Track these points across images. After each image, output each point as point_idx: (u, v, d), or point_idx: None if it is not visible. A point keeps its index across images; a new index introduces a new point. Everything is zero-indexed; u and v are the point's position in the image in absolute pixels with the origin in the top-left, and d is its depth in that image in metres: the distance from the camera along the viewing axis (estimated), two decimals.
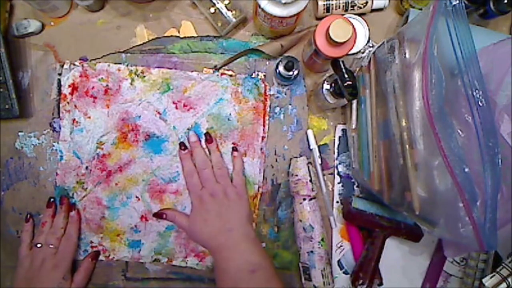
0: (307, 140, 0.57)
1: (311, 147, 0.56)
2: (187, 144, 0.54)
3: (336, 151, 0.57)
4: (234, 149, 0.54)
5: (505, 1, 0.51)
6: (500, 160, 0.38)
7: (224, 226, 0.49)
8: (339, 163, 0.57)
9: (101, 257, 0.55)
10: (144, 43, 0.56)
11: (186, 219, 0.51)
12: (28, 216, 0.54)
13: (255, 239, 0.50)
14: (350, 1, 0.55)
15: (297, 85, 0.57)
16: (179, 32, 0.57)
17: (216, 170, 0.52)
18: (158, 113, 0.55)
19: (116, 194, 0.54)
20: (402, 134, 0.44)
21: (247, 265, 0.46)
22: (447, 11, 0.39)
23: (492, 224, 0.38)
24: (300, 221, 0.53)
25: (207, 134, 0.54)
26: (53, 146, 0.55)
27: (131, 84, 0.55)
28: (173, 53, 0.56)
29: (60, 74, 0.55)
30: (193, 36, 0.57)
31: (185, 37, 0.57)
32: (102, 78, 0.55)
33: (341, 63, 0.46)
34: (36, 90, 0.55)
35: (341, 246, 0.57)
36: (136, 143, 0.55)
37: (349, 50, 0.48)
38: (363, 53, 0.56)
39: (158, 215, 0.53)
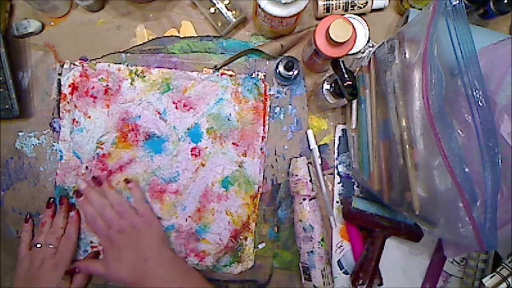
0: (307, 140, 0.57)
1: (311, 147, 0.56)
2: (82, 190, 0.52)
3: (336, 151, 0.57)
4: (127, 181, 0.53)
5: (505, 1, 0.51)
6: (500, 160, 0.38)
7: (138, 259, 0.48)
8: (339, 163, 0.57)
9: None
10: (144, 43, 0.56)
11: (101, 264, 0.50)
12: (28, 216, 0.54)
13: (173, 259, 0.49)
14: (350, 1, 0.56)
15: (297, 85, 0.57)
16: (179, 32, 0.57)
17: (117, 207, 0.51)
18: (158, 113, 0.55)
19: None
20: (402, 134, 0.44)
21: (172, 285, 0.46)
22: (447, 11, 0.39)
23: (492, 224, 0.38)
24: (300, 221, 0.53)
25: (94, 178, 0.53)
26: (53, 146, 0.55)
27: (131, 84, 0.55)
28: (173, 53, 0.56)
29: (60, 74, 0.55)
30: (193, 36, 0.57)
31: (185, 37, 0.57)
32: (102, 78, 0.55)
33: (341, 63, 0.46)
34: (36, 90, 0.55)
35: (341, 246, 0.57)
36: (136, 143, 0.55)
37: (349, 50, 0.48)
38: (363, 53, 0.56)
39: (70, 271, 0.50)
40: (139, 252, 0.48)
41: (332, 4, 0.56)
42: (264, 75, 0.57)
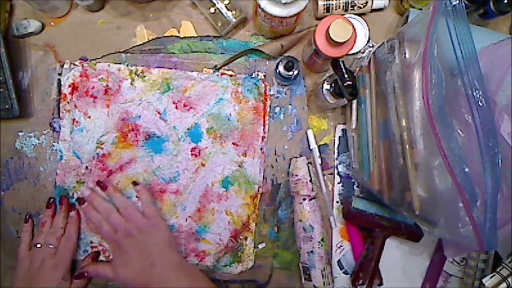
0: (307, 140, 0.57)
1: (311, 147, 0.56)
2: (86, 198, 0.52)
3: (336, 151, 0.57)
4: (134, 183, 0.53)
5: (505, 1, 0.51)
6: (500, 160, 0.38)
7: (145, 263, 0.47)
8: (339, 163, 0.57)
9: (101, 257, 0.54)
10: (144, 43, 0.56)
11: (109, 268, 0.50)
12: (28, 216, 0.54)
13: (181, 263, 0.49)
14: (350, 1, 0.56)
15: (297, 85, 0.57)
16: (179, 32, 0.57)
17: (123, 211, 0.50)
18: (158, 113, 0.55)
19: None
20: (402, 134, 0.44)
21: None
22: (447, 11, 0.39)
23: (492, 224, 0.38)
24: (300, 221, 0.53)
25: (99, 182, 0.53)
26: (53, 146, 0.55)
27: (131, 84, 0.55)
28: (173, 53, 0.56)
29: (60, 74, 0.55)
30: (193, 36, 0.57)
31: (185, 37, 0.57)
32: (102, 78, 0.55)
33: (341, 63, 0.46)
34: (36, 90, 0.55)
35: (341, 246, 0.57)
36: (136, 143, 0.55)
37: (349, 50, 0.48)
38: (363, 53, 0.56)
39: (79, 276, 0.51)
40: (146, 257, 0.48)
41: (332, 4, 0.56)
42: (264, 75, 0.57)
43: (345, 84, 0.45)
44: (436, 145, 0.37)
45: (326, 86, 0.51)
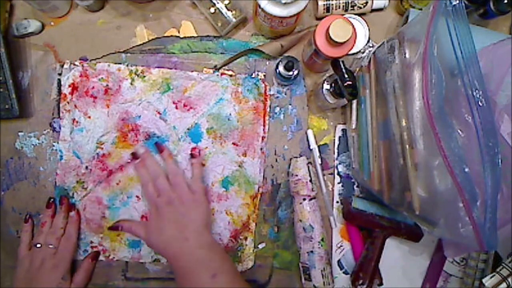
0: (307, 140, 0.57)
1: (311, 147, 0.56)
2: (140, 154, 0.53)
3: (336, 151, 0.57)
4: (192, 155, 0.53)
5: (505, 1, 0.51)
6: (500, 160, 0.38)
7: (180, 235, 0.47)
8: (339, 163, 0.57)
9: (101, 257, 0.54)
10: (144, 43, 0.56)
11: (144, 228, 0.50)
12: (28, 216, 0.54)
13: (212, 245, 0.49)
14: (350, 1, 0.56)
15: (297, 85, 0.57)
16: (179, 32, 0.57)
17: (171, 178, 0.51)
18: (158, 113, 0.55)
19: (117, 193, 0.54)
20: (402, 134, 0.44)
21: (206, 271, 0.45)
22: (447, 11, 0.39)
23: (492, 224, 0.38)
24: (300, 221, 0.53)
25: (156, 144, 0.53)
26: (53, 146, 0.55)
27: (131, 84, 0.55)
28: (173, 53, 0.56)
29: (60, 74, 0.55)
30: (193, 36, 0.57)
31: (185, 37, 0.57)
32: (102, 78, 0.55)
33: (341, 63, 0.46)
34: (36, 90, 0.55)
35: (341, 246, 0.57)
36: (136, 143, 0.55)
37: (349, 50, 0.48)
38: (363, 53, 0.56)
39: (114, 228, 0.52)
40: (182, 229, 0.48)
41: (332, 4, 0.56)
42: (264, 75, 0.57)
43: (345, 84, 0.45)
44: (436, 145, 0.37)
45: (326, 86, 0.51)
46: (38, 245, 0.51)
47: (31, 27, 0.54)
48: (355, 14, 0.56)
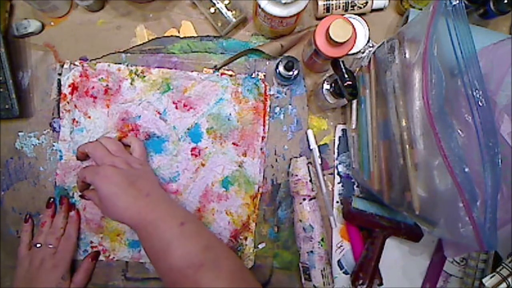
0: (307, 140, 0.57)
1: (311, 147, 0.56)
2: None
3: (336, 151, 0.57)
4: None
5: (505, 1, 0.51)
6: (500, 160, 0.38)
7: (139, 193, 0.45)
8: (339, 163, 0.57)
9: (101, 257, 0.54)
10: (144, 43, 0.56)
11: (97, 199, 0.48)
12: (28, 216, 0.54)
13: (172, 199, 0.48)
14: (350, 1, 0.56)
15: (297, 85, 0.57)
16: (179, 32, 0.57)
17: (110, 147, 0.49)
18: (158, 113, 0.55)
19: None
20: (402, 134, 0.44)
21: (174, 219, 0.44)
22: (447, 11, 0.39)
23: (492, 224, 0.38)
24: (300, 221, 0.53)
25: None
26: (53, 146, 0.55)
27: (131, 84, 0.55)
28: (173, 53, 0.56)
29: (60, 74, 0.55)
30: (193, 36, 0.57)
31: (185, 37, 0.57)
32: (102, 78, 0.55)
33: (341, 63, 0.46)
34: (36, 90, 0.55)
35: (341, 246, 0.57)
36: None
37: (349, 50, 0.48)
38: (363, 53, 0.56)
39: (82, 197, 0.52)
40: (140, 189, 0.46)
41: (332, 4, 0.56)
42: (264, 75, 0.57)
43: (345, 84, 0.45)
44: (436, 145, 0.37)
45: (326, 86, 0.51)
46: (38, 245, 0.51)
47: (31, 27, 0.54)
48: (355, 14, 0.56)
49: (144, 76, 0.55)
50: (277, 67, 0.53)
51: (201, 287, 0.42)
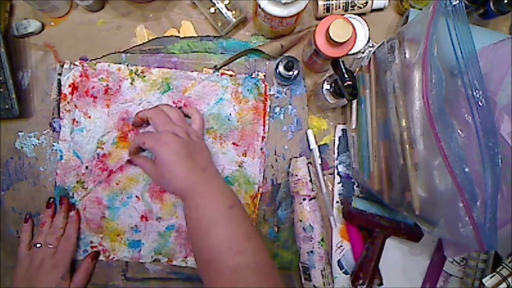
0: (307, 140, 0.57)
1: (311, 147, 0.56)
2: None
3: (336, 151, 0.57)
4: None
5: (505, 1, 0.51)
6: (500, 160, 0.38)
7: (196, 166, 0.46)
8: (339, 163, 0.57)
9: (101, 257, 0.54)
10: (144, 43, 0.56)
11: (153, 165, 0.48)
12: (28, 216, 0.54)
13: (224, 182, 0.49)
14: (350, 1, 0.56)
15: (297, 85, 0.57)
16: (179, 32, 0.57)
17: (172, 115, 0.49)
18: None
19: (117, 193, 0.54)
20: (402, 134, 0.44)
21: (225, 200, 0.45)
22: (447, 11, 0.39)
23: (492, 224, 0.38)
24: (300, 221, 0.53)
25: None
26: (53, 146, 0.55)
27: (131, 84, 0.55)
28: (173, 53, 0.56)
29: (60, 74, 0.55)
30: (193, 36, 0.57)
31: (185, 37, 0.57)
32: (102, 78, 0.55)
33: (341, 63, 0.46)
34: (36, 90, 0.55)
35: (341, 246, 0.57)
36: None
37: (349, 50, 0.48)
38: (363, 53, 0.56)
39: (130, 162, 0.53)
40: (196, 161, 0.46)
41: (332, 4, 0.56)
42: (264, 75, 0.57)
43: (345, 84, 0.45)
44: (436, 145, 0.37)
45: (326, 86, 0.51)
46: (38, 245, 0.51)
47: (31, 27, 0.54)
48: (355, 14, 0.56)
49: (144, 76, 0.55)
50: (277, 67, 0.53)
51: (234, 275, 0.42)
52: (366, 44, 0.56)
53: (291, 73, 0.52)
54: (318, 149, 0.57)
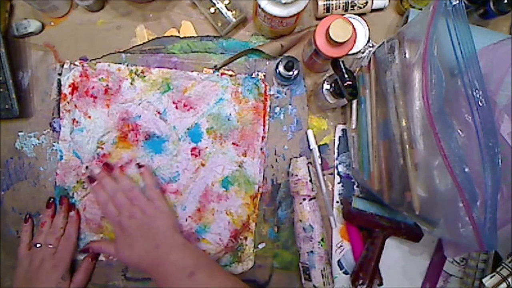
0: (307, 140, 0.57)
1: (311, 147, 0.56)
2: (96, 175, 0.53)
3: (336, 151, 0.57)
4: (139, 166, 0.54)
5: (505, 1, 0.51)
6: (500, 160, 0.38)
7: (150, 245, 0.47)
8: (339, 163, 0.57)
9: (101, 257, 0.54)
10: (144, 43, 0.56)
11: (113, 248, 0.50)
12: (28, 216, 0.54)
13: (184, 244, 0.49)
14: (350, 1, 0.56)
15: (297, 85, 0.57)
16: (179, 32, 0.57)
17: (128, 193, 0.51)
18: (158, 113, 0.55)
19: None
20: (402, 134, 0.44)
21: (183, 272, 0.46)
22: (447, 11, 0.39)
23: (492, 224, 0.38)
24: (300, 221, 0.53)
25: (106, 164, 0.53)
26: (53, 146, 0.55)
27: (131, 84, 0.55)
28: (173, 53, 0.56)
29: (60, 74, 0.55)
30: (193, 36, 0.57)
31: (185, 37, 0.57)
32: (102, 78, 0.55)
33: (341, 63, 0.46)
34: (36, 90, 0.55)
35: (341, 246, 0.57)
36: (136, 142, 0.55)
37: (349, 50, 0.48)
38: (363, 53, 0.56)
39: (84, 251, 0.52)
40: (151, 239, 0.48)
41: (332, 4, 0.56)
42: (264, 75, 0.57)
43: (345, 84, 0.45)
44: (436, 145, 0.37)
45: (326, 86, 0.51)
46: (38, 245, 0.51)
47: (31, 27, 0.54)
48: (355, 14, 0.56)
49: (144, 76, 0.55)
50: (277, 67, 0.53)
51: None
52: (366, 44, 0.56)
53: (291, 73, 0.52)
54: (318, 149, 0.57)
